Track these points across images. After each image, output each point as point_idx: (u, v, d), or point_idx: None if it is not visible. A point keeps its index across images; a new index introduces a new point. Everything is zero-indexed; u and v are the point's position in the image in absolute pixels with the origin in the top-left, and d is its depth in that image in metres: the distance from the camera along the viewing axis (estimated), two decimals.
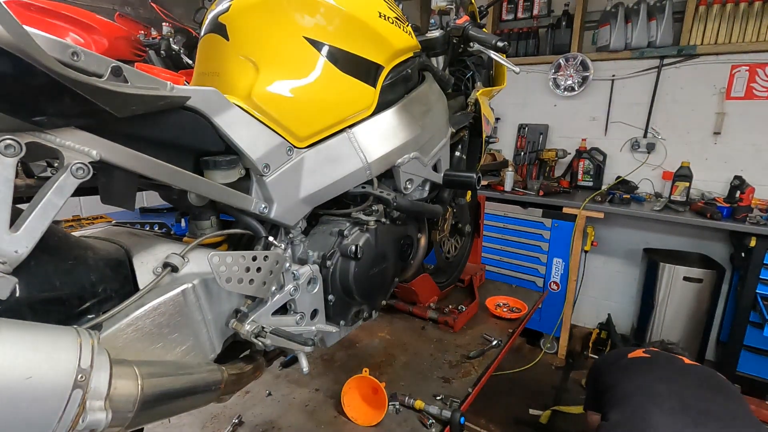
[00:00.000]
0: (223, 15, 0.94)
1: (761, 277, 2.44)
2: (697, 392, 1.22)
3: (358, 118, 1.02)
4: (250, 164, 0.83)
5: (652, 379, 1.30)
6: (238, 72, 0.90)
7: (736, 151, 2.85)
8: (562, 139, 3.45)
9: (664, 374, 1.32)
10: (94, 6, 2.73)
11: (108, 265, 0.70)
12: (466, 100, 1.54)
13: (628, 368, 1.42)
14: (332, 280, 1.01)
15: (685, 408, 1.15)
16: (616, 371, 1.43)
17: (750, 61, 2.72)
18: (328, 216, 1.10)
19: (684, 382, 1.28)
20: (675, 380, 1.29)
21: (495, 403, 2.59)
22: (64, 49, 0.53)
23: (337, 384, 1.34)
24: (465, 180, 1.30)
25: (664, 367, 1.38)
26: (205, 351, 0.78)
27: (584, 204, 2.83)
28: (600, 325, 3.26)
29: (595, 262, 3.37)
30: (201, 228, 0.87)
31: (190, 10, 2.59)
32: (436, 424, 1.22)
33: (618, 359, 1.51)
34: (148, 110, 0.64)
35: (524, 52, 3.43)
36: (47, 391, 0.47)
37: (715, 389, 1.26)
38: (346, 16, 0.97)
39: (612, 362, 1.52)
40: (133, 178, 0.67)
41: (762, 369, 2.52)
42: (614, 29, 2.98)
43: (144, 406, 0.58)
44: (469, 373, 1.48)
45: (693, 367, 1.38)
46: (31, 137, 0.53)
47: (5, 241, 0.51)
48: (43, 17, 2.01)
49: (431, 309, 1.83)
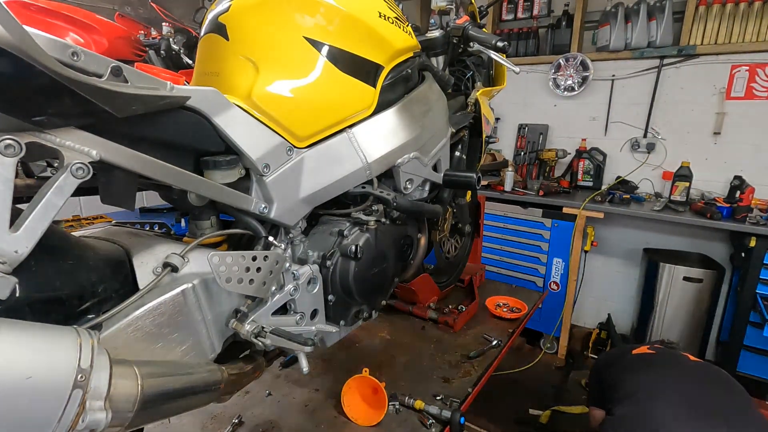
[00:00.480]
0: (223, 15, 0.94)
1: (761, 277, 2.44)
2: (702, 389, 1.23)
3: (358, 118, 1.02)
4: (250, 164, 0.83)
5: (656, 376, 1.31)
6: (238, 72, 0.90)
7: (736, 151, 2.85)
8: (562, 139, 3.45)
9: (668, 371, 1.33)
10: (94, 6, 2.73)
11: (108, 265, 0.70)
12: (466, 100, 1.54)
13: (632, 364, 1.43)
14: (332, 280, 1.01)
15: (690, 404, 1.16)
16: (621, 368, 1.43)
17: (750, 61, 2.72)
18: (328, 216, 1.10)
19: (689, 379, 1.28)
20: (680, 377, 1.29)
21: (495, 403, 2.59)
22: (64, 49, 0.53)
23: (337, 384, 1.34)
24: (465, 180, 1.30)
25: (669, 363, 1.39)
26: (205, 351, 0.78)
27: (584, 204, 2.83)
28: (600, 325, 3.26)
29: (595, 262, 3.37)
30: (201, 228, 0.87)
31: (190, 10, 2.59)
32: (436, 424, 1.22)
33: (622, 356, 1.52)
34: (148, 110, 0.63)
35: (524, 52, 3.43)
36: (47, 391, 0.47)
37: (721, 387, 1.26)
38: (346, 16, 0.97)
39: (616, 359, 1.53)
40: (133, 178, 0.67)
41: (762, 369, 2.52)
42: (614, 29, 2.98)
43: (144, 406, 0.58)
44: (469, 373, 1.48)
45: (699, 364, 1.39)
46: (31, 137, 0.53)
47: (5, 241, 0.51)
48: (43, 17, 2.01)
49: (431, 309, 1.83)
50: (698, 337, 2.80)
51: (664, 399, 1.17)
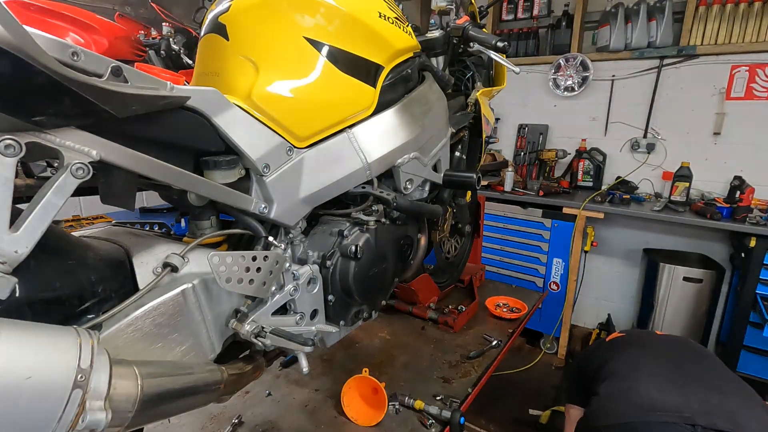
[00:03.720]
0: (223, 15, 0.94)
1: (761, 277, 2.44)
2: (676, 359, 1.33)
3: (358, 118, 1.02)
4: (250, 164, 0.83)
5: (634, 352, 1.39)
6: (238, 72, 0.90)
7: (736, 152, 2.85)
8: (562, 139, 3.45)
9: (643, 348, 1.42)
10: (94, 6, 2.73)
11: (108, 265, 0.70)
12: (466, 100, 1.54)
13: (609, 349, 1.49)
14: (332, 280, 1.01)
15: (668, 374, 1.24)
16: (600, 356, 1.49)
17: (750, 61, 2.72)
18: (328, 216, 1.10)
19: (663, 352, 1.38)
20: (654, 351, 1.38)
21: (495, 403, 2.59)
22: (64, 49, 0.53)
23: (337, 384, 1.34)
24: (465, 180, 1.30)
25: (642, 340, 1.49)
26: (205, 351, 0.78)
27: (584, 204, 2.83)
28: (600, 325, 3.26)
29: (595, 263, 3.37)
30: (201, 228, 0.87)
31: (190, 10, 2.59)
32: (436, 424, 1.22)
33: (598, 346, 1.59)
34: (148, 110, 0.63)
35: (524, 52, 3.43)
36: (47, 391, 0.47)
37: (691, 354, 1.38)
38: (346, 17, 0.97)
39: (594, 351, 1.59)
40: (133, 178, 0.67)
41: (762, 369, 2.52)
42: (614, 29, 2.98)
43: (144, 406, 0.58)
44: (469, 374, 1.48)
45: (668, 337, 1.51)
46: (31, 137, 0.53)
47: (5, 241, 0.51)
48: (43, 17, 2.01)
49: (431, 309, 1.83)
50: (698, 338, 2.79)
51: (645, 371, 1.26)
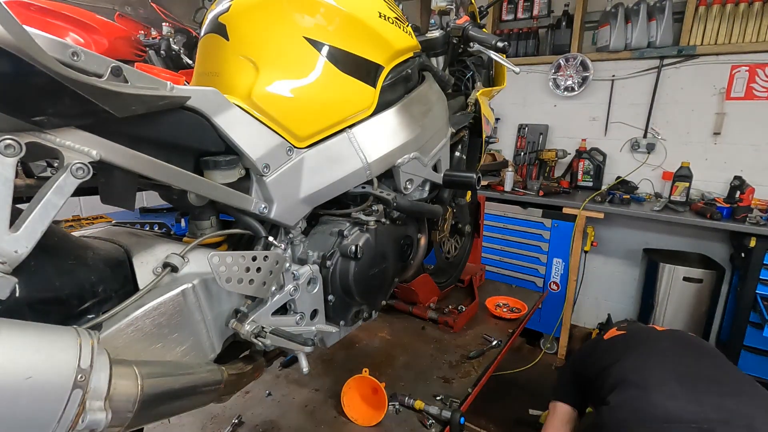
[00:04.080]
0: (223, 15, 0.94)
1: (761, 277, 2.44)
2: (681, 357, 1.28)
3: (358, 118, 1.02)
4: (250, 164, 0.83)
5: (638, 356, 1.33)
6: (238, 72, 0.90)
7: (735, 152, 2.85)
8: (562, 140, 3.45)
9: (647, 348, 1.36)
10: (94, 6, 2.72)
11: (108, 265, 0.70)
12: (466, 100, 1.54)
13: (611, 350, 1.41)
14: (332, 280, 1.01)
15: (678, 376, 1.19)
16: (599, 357, 1.41)
17: (750, 61, 2.72)
18: (328, 216, 1.10)
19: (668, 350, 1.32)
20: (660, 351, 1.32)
21: (495, 403, 2.59)
22: (64, 49, 0.53)
23: (337, 384, 1.34)
24: (465, 180, 1.30)
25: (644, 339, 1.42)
26: (205, 351, 0.78)
27: (584, 204, 2.83)
28: (600, 325, 3.26)
29: (595, 262, 3.37)
30: (201, 228, 0.87)
31: (190, 10, 2.59)
32: (436, 424, 1.22)
33: (596, 345, 1.51)
34: (148, 110, 0.63)
35: (524, 52, 3.43)
36: (47, 391, 0.47)
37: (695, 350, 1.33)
38: (346, 17, 0.97)
39: (591, 351, 1.51)
40: (133, 178, 0.67)
41: (762, 369, 2.52)
42: (614, 29, 2.98)
43: (144, 406, 0.58)
44: (469, 374, 1.48)
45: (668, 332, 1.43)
46: (31, 137, 0.53)
47: (5, 241, 0.51)
48: (43, 17, 2.01)
49: (431, 309, 1.83)
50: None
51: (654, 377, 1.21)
